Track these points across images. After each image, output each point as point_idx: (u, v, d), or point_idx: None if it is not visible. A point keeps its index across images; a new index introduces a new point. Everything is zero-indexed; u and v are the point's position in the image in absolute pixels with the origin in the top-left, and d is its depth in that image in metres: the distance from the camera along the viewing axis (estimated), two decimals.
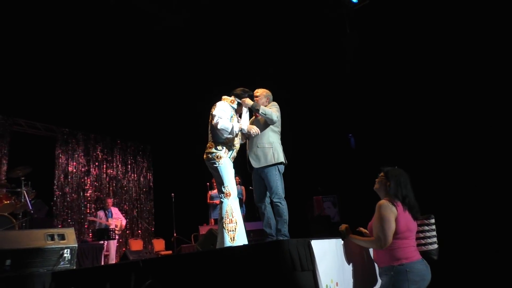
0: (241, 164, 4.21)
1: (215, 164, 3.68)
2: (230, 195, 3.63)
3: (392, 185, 2.84)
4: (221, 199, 3.65)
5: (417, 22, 6.75)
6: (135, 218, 11.41)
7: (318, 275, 2.41)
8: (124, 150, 11.78)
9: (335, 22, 7.73)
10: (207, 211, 8.89)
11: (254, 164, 3.98)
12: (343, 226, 2.95)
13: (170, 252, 8.52)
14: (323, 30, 7.86)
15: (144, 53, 8.28)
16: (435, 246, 2.92)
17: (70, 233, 3.72)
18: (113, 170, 11.33)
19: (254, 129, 3.81)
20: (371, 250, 3.03)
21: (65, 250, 3.60)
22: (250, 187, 8.65)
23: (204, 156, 3.78)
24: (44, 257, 3.54)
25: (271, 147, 3.98)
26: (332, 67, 8.06)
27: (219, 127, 3.62)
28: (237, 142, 3.92)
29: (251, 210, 8.65)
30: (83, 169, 10.58)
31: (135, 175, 11.91)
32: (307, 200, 8.23)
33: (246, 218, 8.68)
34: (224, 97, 4.02)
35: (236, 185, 8.72)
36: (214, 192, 8.76)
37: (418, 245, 2.87)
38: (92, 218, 9.19)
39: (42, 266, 3.50)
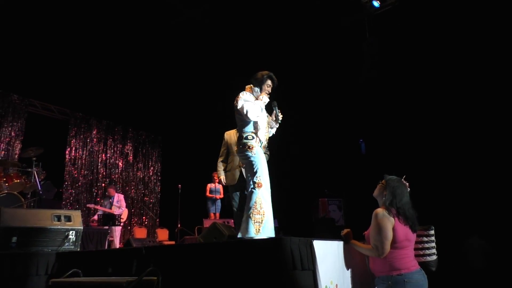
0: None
1: (248, 154, 3.58)
2: (261, 186, 3.52)
3: (387, 195, 2.81)
4: (252, 189, 3.51)
5: (435, 30, 6.69)
6: (141, 207, 11.50)
7: (318, 275, 2.41)
8: (135, 139, 11.87)
9: (352, 26, 7.70)
10: None
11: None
12: (345, 231, 2.94)
13: (173, 242, 8.57)
14: (340, 34, 7.83)
15: (162, 44, 8.33)
16: (434, 257, 2.88)
17: (77, 216, 3.77)
18: (123, 158, 11.43)
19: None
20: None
21: (71, 232, 3.65)
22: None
23: (235, 148, 3.77)
24: (49, 237, 3.59)
25: None
26: (346, 71, 8.02)
27: (245, 111, 3.56)
28: (265, 132, 3.87)
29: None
30: (93, 154, 10.69)
31: (144, 165, 12.00)
32: (313, 202, 8.22)
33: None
34: (246, 87, 3.96)
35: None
36: (213, 185, 8.77)
37: (417, 255, 2.83)
38: (91, 205, 9.29)
39: (47, 245, 3.55)
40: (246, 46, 8.32)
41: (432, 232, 2.92)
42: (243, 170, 4.77)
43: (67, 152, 10.07)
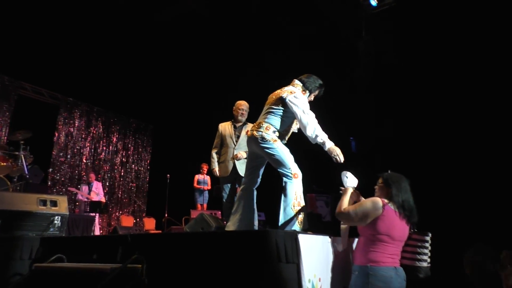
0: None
1: (273, 146, 3.43)
2: (297, 176, 3.42)
3: (394, 190, 2.81)
4: (287, 180, 3.42)
5: (432, 30, 6.72)
6: (128, 195, 11.46)
7: (302, 269, 2.43)
8: (125, 127, 11.80)
9: (346, 24, 7.71)
10: None
11: None
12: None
13: (159, 232, 8.57)
14: (335, 32, 7.84)
15: (157, 33, 8.27)
16: (425, 264, 2.80)
17: (63, 201, 3.74)
18: (113, 145, 11.36)
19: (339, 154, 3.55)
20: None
21: (56, 217, 3.62)
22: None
23: (256, 134, 3.46)
24: (34, 222, 3.57)
25: None
26: (340, 69, 8.04)
27: (313, 132, 3.40)
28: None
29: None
30: (82, 140, 10.60)
31: (134, 153, 11.94)
32: None
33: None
34: (297, 83, 3.71)
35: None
36: (202, 176, 8.76)
37: (408, 258, 2.79)
38: (72, 189, 9.26)
39: (31, 230, 3.53)
40: (241, 38, 8.29)
41: (428, 238, 2.86)
42: (237, 162, 4.80)
43: (55, 137, 9.97)
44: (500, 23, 5.93)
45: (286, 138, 3.71)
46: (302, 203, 3.42)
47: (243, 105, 5.04)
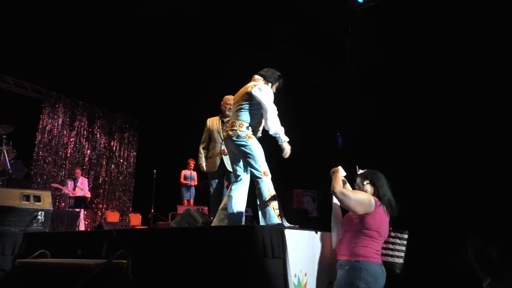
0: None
1: (248, 143, 3.52)
2: (267, 174, 3.52)
3: (380, 191, 2.89)
4: (258, 179, 3.49)
5: (418, 27, 6.79)
6: (114, 190, 11.36)
7: (288, 264, 2.45)
8: (111, 122, 11.66)
9: (332, 21, 7.74)
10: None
11: None
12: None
13: (145, 227, 8.52)
14: (321, 28, 7.86)
15: (143, 27, 8.19)
16: (401, 260, 2.92)
17: (47, 196, 3.69)
18: (97, 140, 11.22)
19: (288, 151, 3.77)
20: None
21: (40, 212, 3.57)
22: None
23: (231, 133, 3.56)
24: (17, 217, 3.52)
25: None
26: (326, 65, 8.07)
27: (273, 123, 3.53)
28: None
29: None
30: (66, 135, 10.45)
31: (120, 148, 11.82)
32: (287, 192, 8.28)
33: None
34: (258, 77, 3.82)
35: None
36: (188, 172, 8.73)
37: (385, 254, 2.87)
38: (56, 185, 9.15)
39: (14, 225, 3.48)
40: (226, 33, 8.26)
41: (406, 236, 2.97)
42: (224, 157, 4.79)
43: (39, 131, 9.81)
44: (486, 18, 6.02)
45: (260, 130, 3.78)
46: (277, 198, 3.47)
47: (230, 100, 5.02)
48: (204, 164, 5.00)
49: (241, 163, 3.74)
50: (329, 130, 8.41)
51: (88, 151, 10.93)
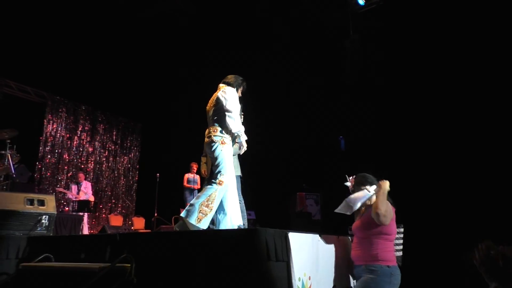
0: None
1: (219, 149, 3.60)
2: (222, 184, 3.54)
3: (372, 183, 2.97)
4: (212, 184, 3.54)
5: (419, 29, 6.80)
6: (117, 194, 11.37)
7: (292, 267, 2.44)
8: (114, 125, 11.68)
9: (335, 23, 7.75)
10: None
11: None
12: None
13: (149, 231, 8.52)
14: (323, 30, 7.88)
15: (147, 30, 8.22)
16: (400, 253, 3.04)
17: (50, 200, 3.70)
18: (100, 144, 11.25)
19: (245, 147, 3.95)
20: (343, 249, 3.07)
21: (43, 216, 3.58)
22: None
23: (206, 140, 3.71)
24: (21, 221, 3.52)
25: None
26: (328, 68, 8.08)
27: (232, 121, 3.64)
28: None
29: None
30: (70, 139, 10.47)
31: (123, 152, 11.85)
32: (290, 195, 8.28)
33: None
34: (222, 85, 4.03)
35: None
36: (191, 175, 8.73)
37: None
38: (60, 189, 9.18)
39: (18, 229, 3.48)
40: (228, 37, 8.29)
41: (402, 230, 3.10)
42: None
43: (42, 135, 9.84)
44: (488, 21, 6.02)
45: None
46: (212, 207, 3.46)
47: None
48: (204, 169, 5.03)
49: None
50: (332, 132, 8.41)
51: (91, 155, 10.95)
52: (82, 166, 10.58)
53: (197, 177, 8.75)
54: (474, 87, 6.11)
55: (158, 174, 8.64)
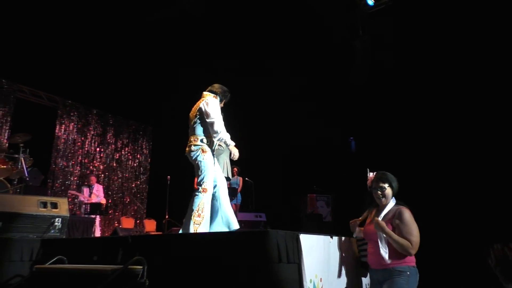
0: (240, 154, 4.24)
1: (200, 157, 3.79)
2: (206, 191, 3.76)
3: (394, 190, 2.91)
4: (197, 193, 3.76)
5: (428, 30, 6.74)
6: (128, 197, 11.45)
7: (303, 269, 2.43)
8: (124, 128, 11.78)
9: (345, 24, 7.72)
10: None
11: None
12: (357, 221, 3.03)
13: (160, 233, 8.56)
14: (332, 31, 7.85)
15: (156, 34, 8.28)
16: None
17: (63, 203, 3.74)
18: (112, 147, 11.34)
19: (237, 154, 4.02)
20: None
21: (57, 219, 3.62)
22: (247, 178, 8.68)
23: (187, 149, 3.91)
24: (35, 224, 3.57)
25: None
26: (338, 69, 8.05)
27: (216, 130, 3.78)
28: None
29: (244, 201, 8.68)
30: (82, 143, 10.59)
31: (133, 154, 11.93)
32: (301, 197, 8.26)
33: (239, 208, 8.69)
34: (206, 93, 4.16)
35: (233, 176, 8.85)
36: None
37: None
38: (73, 192, 9.27)
39: (32, 232, 3.53)
40: (237, 39, 8.30)
41: None
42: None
43: (54, 139, 9.95)
44: (499, 21, 5.95)
45: (216, 142, 4.00)
46: (204, 215, 3.69)
47: None
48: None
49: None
50: (342, 134, 8.38)
51: (103, 158, 11.05)
52: (94, 169, 10.67)
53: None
54: (487, 86, 6.04)
55: (169, 177, 8.68)
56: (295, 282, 2.40)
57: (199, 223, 3.60)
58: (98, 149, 10.97)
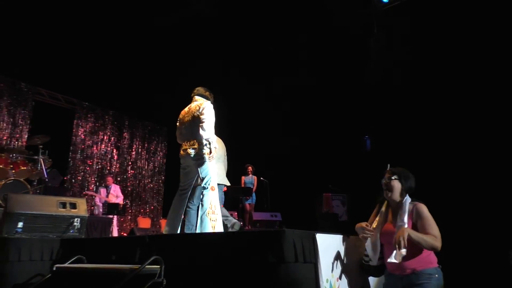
0: (255, 153, 4.29)
1: (205, 160, 4.06)
2: (214, 189, 4.02)
3: (406, 187, 2.79)
4: (205, 192, 3.98)
5: (443, 27, 6.64)
6: (144, 197, 11.56)
7: (320, 268, 2.42)
8: (140, 129, 11.90)
9: (360, 21, 7.65)
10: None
11: None
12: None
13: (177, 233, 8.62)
14: (347, 29, 7.79)
15: (170, 35, 8.35)
16: None
17: (82, 203, 3.80)
18: (128, 148, 11.48)
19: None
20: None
21: (75, 219, 3.68)
22: (262, 178, 8.68)
23: (190, 151, 4.11)
24: (54, 224, 3.63)
25: None
26: (352, 67, 7.99)
27: (206, 137, 4.06)
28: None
29: (259, 201, 8.69)
30: (99, 144, 10.73)
31: (149, 155, 12.05)
32: (316, 196, 8.23)
33: (254, 208, 8.71)
34: (198, 97, 4.51)
35: (248, 175, 8.87)
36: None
37: None
38: (90, 193, 9.40)
39: (52, 231, 3.59)
40: (249, 40, 8.31)
41: None
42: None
43: (72, 140, 10.12)
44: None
45: (214, 141, 4.24)
46: (216, 211, 3.93)
47: None
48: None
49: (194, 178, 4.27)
50: (357, 132, 8.32)
51: (119, 159, 11.19)
52: (111, 170, 10.81)
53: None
54: (506, 85, 5.92)
55: None
56: (311, 281, 2.39)
57: (215, 220, 3.77)
58: (114, 150, 11.11)
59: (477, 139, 6.12)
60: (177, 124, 4.50)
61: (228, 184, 5.37)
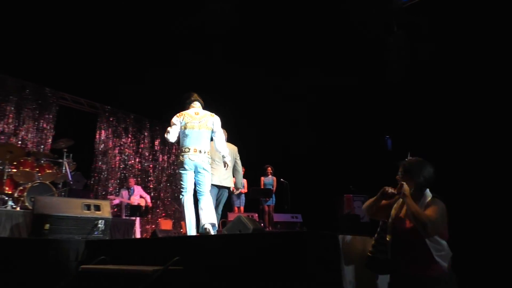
0: (273, 154, 4.29)
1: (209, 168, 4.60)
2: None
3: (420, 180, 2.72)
4: (208, 194, 4.76)
5: (463, 26, 6.49)
6: (166, 199, 11.69)
7: (343, 270, 2.40)
8: (161, 132, 12.04)
9: (380, 20, 7.56)
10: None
11: None
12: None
13: (198, 234, 8.68)
14: (367, 27, 7.70)
15: (188, 38, 8.42)
16: None
17: (106, 205, 3.88)
18: (149, 150, 11.64)
19: None
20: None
21: (100, 221, 3.76)
22: (282, 179, 8.65)
23: (202, 156, 4.46)
24: (79, 225, 3.72)
25: None
26: (373, 66, 7.89)
27: (223, 150, 4.73)
28: None
29: (280, 202, 8.67)
30: (121, 147, 10.92)
31: (169, 157, 12.18)
32: (338, 198, 8.16)
33: (274, 209, 8.70)
34: (199, 104, 5.22)
35: (268, 175, 8.84)
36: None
37: None
38: (111, 197, 9.54)
39: (77, 233, 3.68)
40: (264, 40, 8.29)
41: None
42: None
43: (95, 144, 10.32)
44: None
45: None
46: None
47: None
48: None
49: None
50: (378, 132, 8.21)
51: (141, 161, 11.35)
52: (133, 172, 10.98)
53: (244, 181, 8.84)
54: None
55: None
56: (334, 283, 2.38)
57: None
58: (136, 152, 11.28)
59: (502, 140, 5.96)
60: (183, 126, 4.77)
61: (229, 186, 5.70)
